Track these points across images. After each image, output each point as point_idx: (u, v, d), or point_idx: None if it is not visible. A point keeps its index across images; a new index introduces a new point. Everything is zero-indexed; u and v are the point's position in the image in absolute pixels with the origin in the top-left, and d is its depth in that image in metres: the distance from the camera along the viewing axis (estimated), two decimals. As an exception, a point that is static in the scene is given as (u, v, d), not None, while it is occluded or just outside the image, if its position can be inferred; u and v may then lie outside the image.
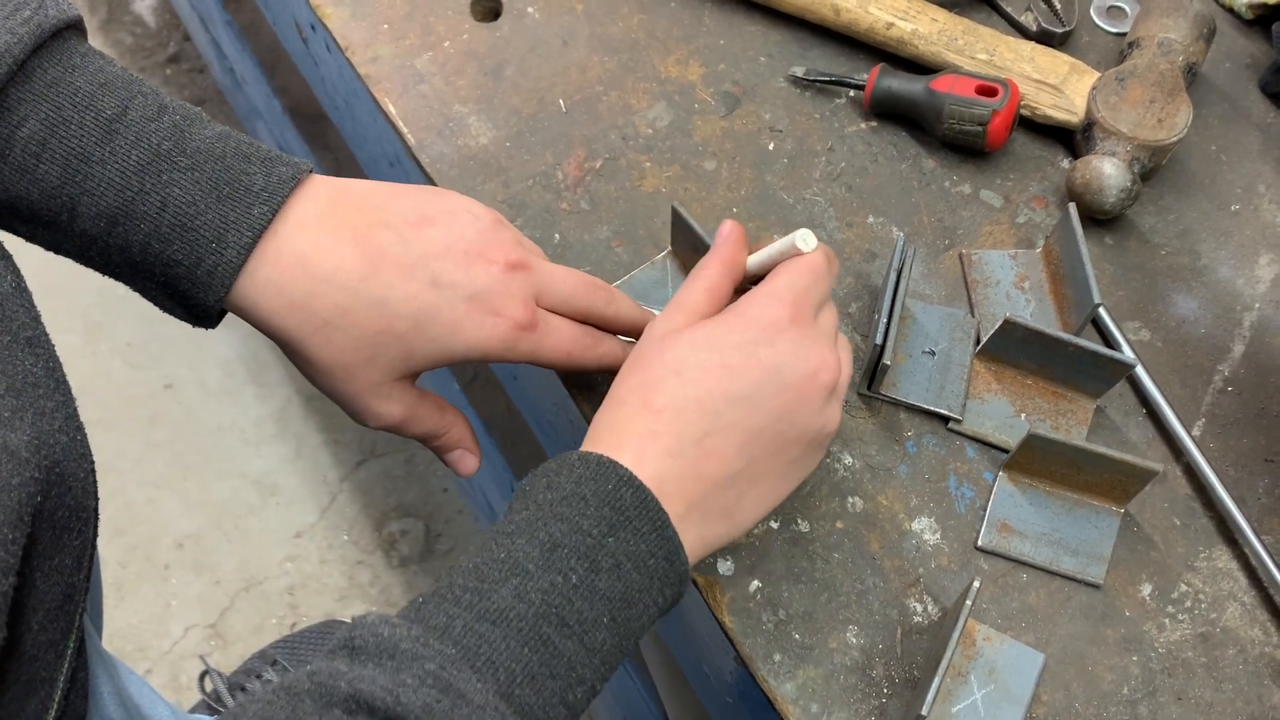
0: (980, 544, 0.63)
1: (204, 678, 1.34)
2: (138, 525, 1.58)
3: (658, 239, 0.72)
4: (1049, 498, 0.64)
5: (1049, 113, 0.76)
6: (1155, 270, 0.73)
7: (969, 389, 0.67)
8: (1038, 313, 0.70)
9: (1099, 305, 0.65)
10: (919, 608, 0.61)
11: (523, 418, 0.99)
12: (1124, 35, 0.82)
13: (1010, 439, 0.66)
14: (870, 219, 0.74)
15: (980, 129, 0.73)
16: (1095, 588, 0.62)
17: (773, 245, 0.58)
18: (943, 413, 0.66)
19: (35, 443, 0.42)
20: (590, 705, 1.36)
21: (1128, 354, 0.68)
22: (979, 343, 0.68)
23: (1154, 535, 0.64)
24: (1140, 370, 0.68)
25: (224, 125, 0.54)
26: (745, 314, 0.53)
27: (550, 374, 0.70)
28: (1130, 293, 0.72)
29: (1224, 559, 0.64)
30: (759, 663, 0.59)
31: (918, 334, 0.68)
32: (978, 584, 0.56)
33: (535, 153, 0.75)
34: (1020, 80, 0.76)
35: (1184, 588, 0.63)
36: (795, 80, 0.79)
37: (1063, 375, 0.67)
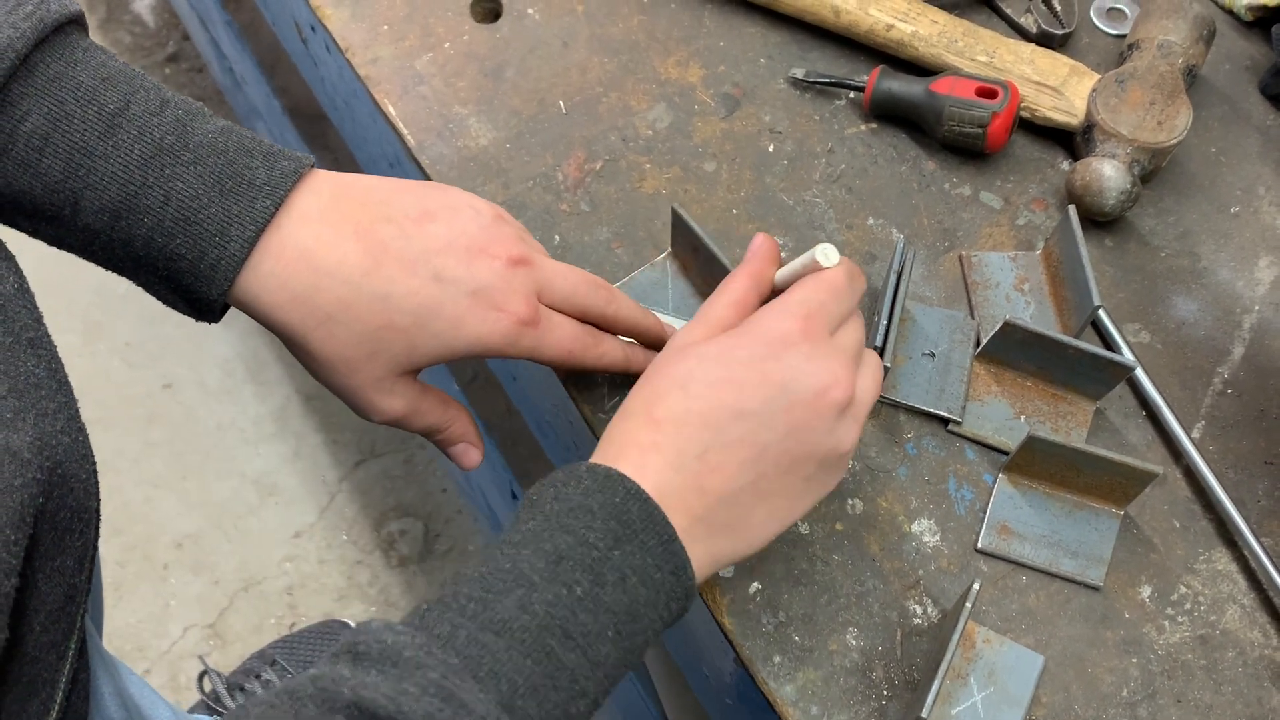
0: (980, 546, 0.63)
1: (203, 678, 1.34)
2: (136, 525, 1.58)
3: (658, 240, 0.72)
4: (1049, 500, 0.64)
5: (1049, 115, 0.76)
6: (1155, 272, 0.73)
7: (969, 391, 0.67)
8: (1037, 315, 0.70)
9: (1099, 307, 0.65)
10: (919, 610, 0.61)
11: (522, 418, 0.99)
12: (1124, 37, 0.82)
13: (1010, 441, 0.66)
14: (870, 221, 0.74)
15: (980, 131, 0.73)
16: (1095, 590, 0.62)
17: (797, 260, 0.57)
18: (942, 415, 0.66)
19: (38, 444, 0.42)
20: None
21: (1127, 356, 0.68)
22: (979, 345, 0.68)
23: (1154, 537, 0.64)
24: (1140, 372, 0.68)
25: (226, 120, 0.54)
26: (755, 328, 0.52)
27: (550, 375, 0.70)
28: (1130, 295, 0.72)
29: (1223, 561, 0.64)
30: (759, 664, 0.59)
31: (917, 336, 0.68)
32: (977, 586, 0.56)
33: (535, 154, 0.75)
34: (1020, 82, 0.76)
35: (1183, 590, 0.63)
36: (795, 82, 0.79)
37: (1062, 377, 0.67)
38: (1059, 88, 0.75)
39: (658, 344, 0.64)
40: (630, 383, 0.66)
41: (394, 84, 0.78)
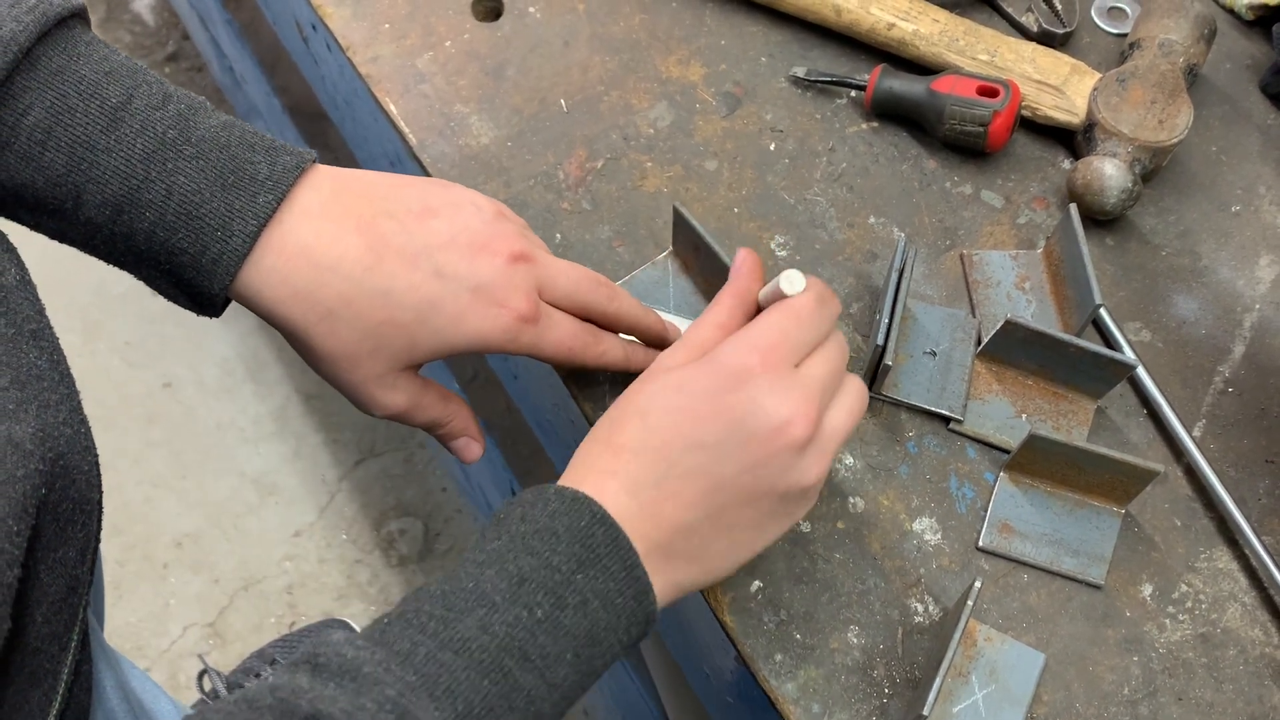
0: (981, 544, 0.63)
1: (202, 677, 1.34)
2: (136, 524, 1.58)
3: (659, 239, 0.72)
4: (1050, 498, 0.64)
5: (1050, 114, 0.76)
6: (1156, 271, 0.73)
7: (970, 390, 0.67)
8: (1039, 313, 0.70)
9: (1100, 306, 0.65)
10: (920, 608, 0.61)
11: (523, 417, 0.99)
12: (1125, 36, 0.82)
13: (1011, 440, 0.66)
14: (871, 219, 0.74)
15: (981, 130, 0.73)
16: (1096, 588, 0.62)
17: (771, 282, 0.56)
18: (944, 413, 0.66)
19: (40, 435, 0.42)
20: (589, 705, 1.36)
21: (1128, 355, 0.68)
22: (980, 343, 0.68)
23: (1155, 536, 0.64)
24: (1141, 371, 0.68)
25: (227, 114, 0.54)
26: (716, 359, 0.51)
27: (550, 373, 0.70)
28: (1131, 293, 0.72)
29: (1224, 559, 0.64)
30: (760, 663, 0.59)
31: (919, 334, 0.68)
32: (979, 584, 0.56)
33: (536, 152, 0.76)
34: (1021, 81, 0.76)
35: (1184, 588, 0.63)
36: (796, 81, 0.79)
37: (1064, 376, 0.67)
38: (1060, 86, 0.75)
39: (659, 343, 0.64)
40: (630, 378, 0.66)
41: (395, 83, 0.78)
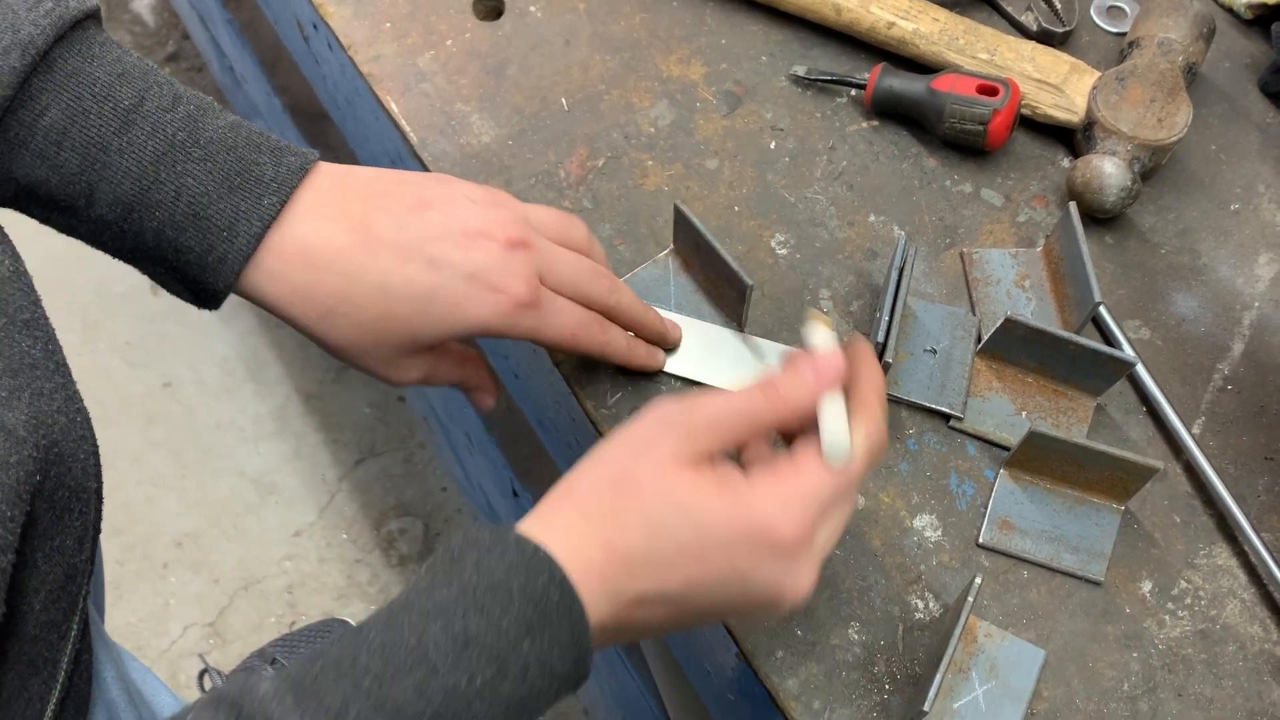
0: (981, 541, 0.63)
1: (203, 676, 1.35)
2: (136, 524, 1.58)
3: (660, 237, 0.72)
4: (1050, 495, 0.64)
5: (1050, 112, 0.76)
6: (1155, 269, 0.73)
7: (970, 387, 0.67)
8: (1038, 311, 0.70)
9: (1099, 304, 0.65)
10: (920, 604, 0.62)
11: (524, 415, 0.99)
12: (1124, 35, 0.82)
13: (1011, 437, 0.66)
14: (871, 218, 0.74)
15: (981, 128, 0.74)
16: (1096, 584, 0.63)
17: (835, 409, 0.51)
18: (944, 410, 0.67)
19: (33, 422, 0.43)
20: (589, 704, 1.36)
21: (1128, 352, 0.68)
22: (980, 341, 0.68)
23: (1154, 532, 0.64)
24: (1140, 368, 0.68)
25: (234, 115, 0.55)
26: (750, 510, 0.48)
27: (552, 371, 0.70)
28: (1130, 291, 0.72)
29: (1224, 556, 0.64)
30: (761, 659, 0.60)
31: (919, 332, 0.69)
32: (979, 580, 0.56)
33: (537, 151, 0.76)
34: (1021, 80, 0.76)
35: (1184, 585, 0.63)
36: (797, 79, 0.80)
37: (1063, 373, 0.67)
38: (1060, 85, 0.76)
39: (658, 339, 0.64)
40: (631, 376, 0.66)
41: (396, 81, 0.78)
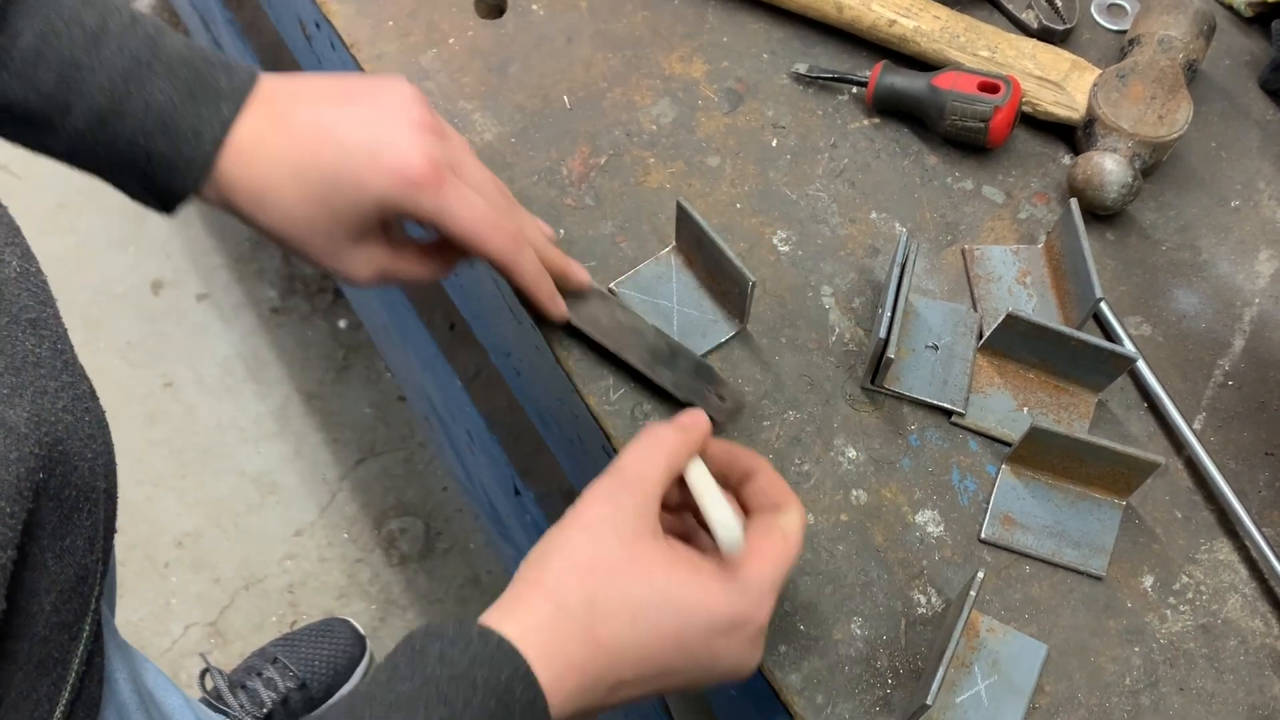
0: (983, 536, 0.64)
1: (204, 675, 1.35)
2: (137, 523, 1.58)
3: (662, 234, 0.73)
4: (1051, 490, 0.65)
5: (1050, 109, 0.76)
6: (1156, 265, 0.74)
7: (971, 383, 0.68)
8: (1040, 307, 0.70)
9: (1101, 300, 0.65)
10: (923, 600, 0.62)
11: (525, 414, 0.99)
12: (1124, 33, 0.83)
13: (1012, 433, 0.66)
14: (873, 215, 0.74)
15: (982, 125, 0.74)
16: (1097, 579, 0.63)
17: (710, 491, 0.53)
18: (945, 406, 0.67)
19: (35, 419, 0.43)
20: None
21: (1129, 348, 0.68)
22: (981, 337, 0.69)
23: (1155, 528, 0.65)
24: (1141, 364, 0.68)
25: (180, 35, 0.58)
26: (728, 599, 0.51)
27: (554, 368, 0.70)
28: (1131, 288, 0.73)
29: (1225, 551, 0.64)
30: (764, 654, 0.60)
31: (920, 329, 0.69)
32: (981, 575, 0.56)
33: (540, 149, 0.76)
34: (1022, 77, 0.76)
35: (1185, 579, 0.63)
36: (798, 77, 0.80)
37: (1065, 369, 0.67)
38: (1060, 83, 0.76)
39: (560, 272, 0.65)
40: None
41: (399, 79, 0.78)
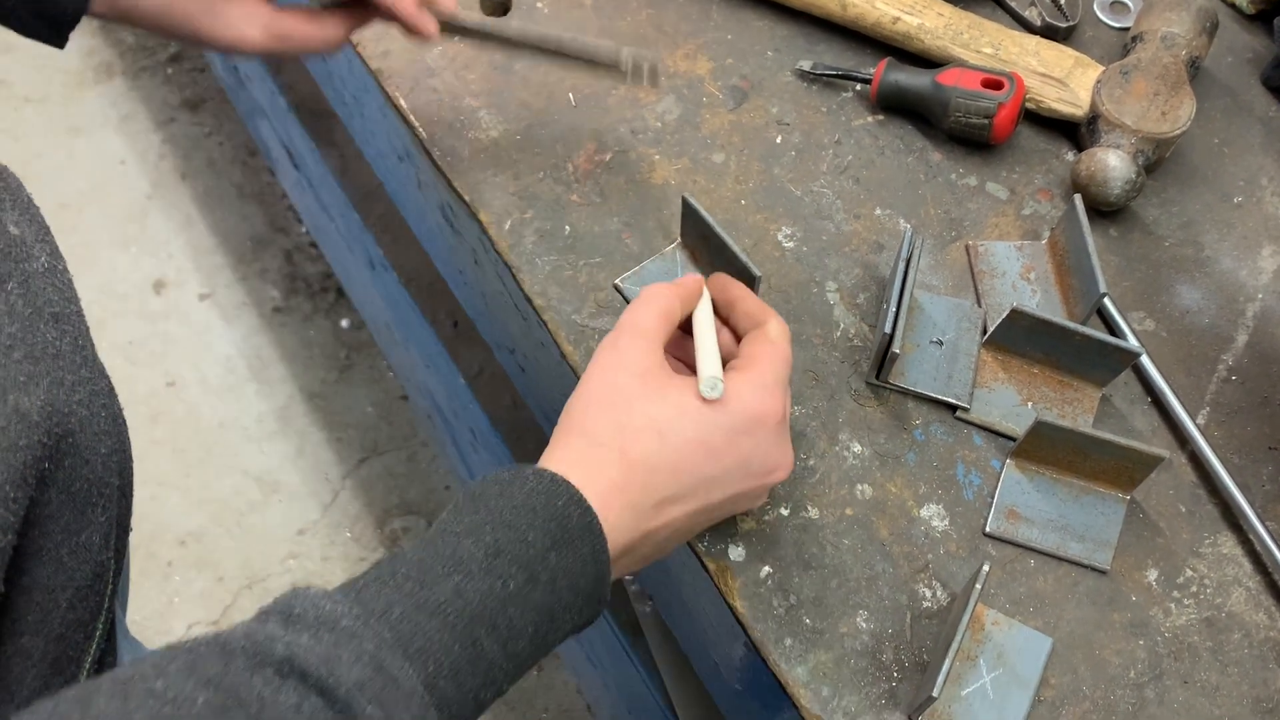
0: (988, 530, 0.64)
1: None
2: (140, 523, 1.58)
3: (667, 230, 0.73)
4: (1056, 485, 0.65)
5: (1054, 106, 0.77)
6: (1159, 261, 0.74)
7: (976, 378, 0.68)
8: (1044, 303, 0.71)
9: (1104, 295, 0.66)
10: (928, 593, 0.62)
11: (530, 411, 0.99)
12: (1127, 30, 0.83)
13: (1017, 427, 0.66)
14: (877, 211, 0.75)
15: (986, 122, 0.74)
16: (1102, 573, 0.63)
17: (707, 339, 0.58)
18: (950, 401, 0.67)
19: (48, 408, 0.43)
20: (594, 700, 1.36)
21: (1133, 343, 0.69)
22: (986, 332, 0.69)
23: (1159, 521, 0.65)
24: (1145, 359, 0.69)
25: None
26: (739, 399, 0.54)
27: (559, 363, 0.70)
28: (1135, 283, 0.73)
29: (1229, 545, 0.64)
30: (770, 647, 0.60)
31: (925, 324, 0.69)
32: (987, 568, 0.56)
33: (546, 146, 0.76)
34: (1025, 74, 0.76)
35: (1189, 573, 0.63)
36: (802, 74, 0.80)
37: (1069, 364, 0.67)
38: (1064, 79, 0.76)
39: None
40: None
41: (405, 77, 0.78)
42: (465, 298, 0.92)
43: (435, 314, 1.15)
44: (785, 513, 0.63)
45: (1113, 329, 0.70)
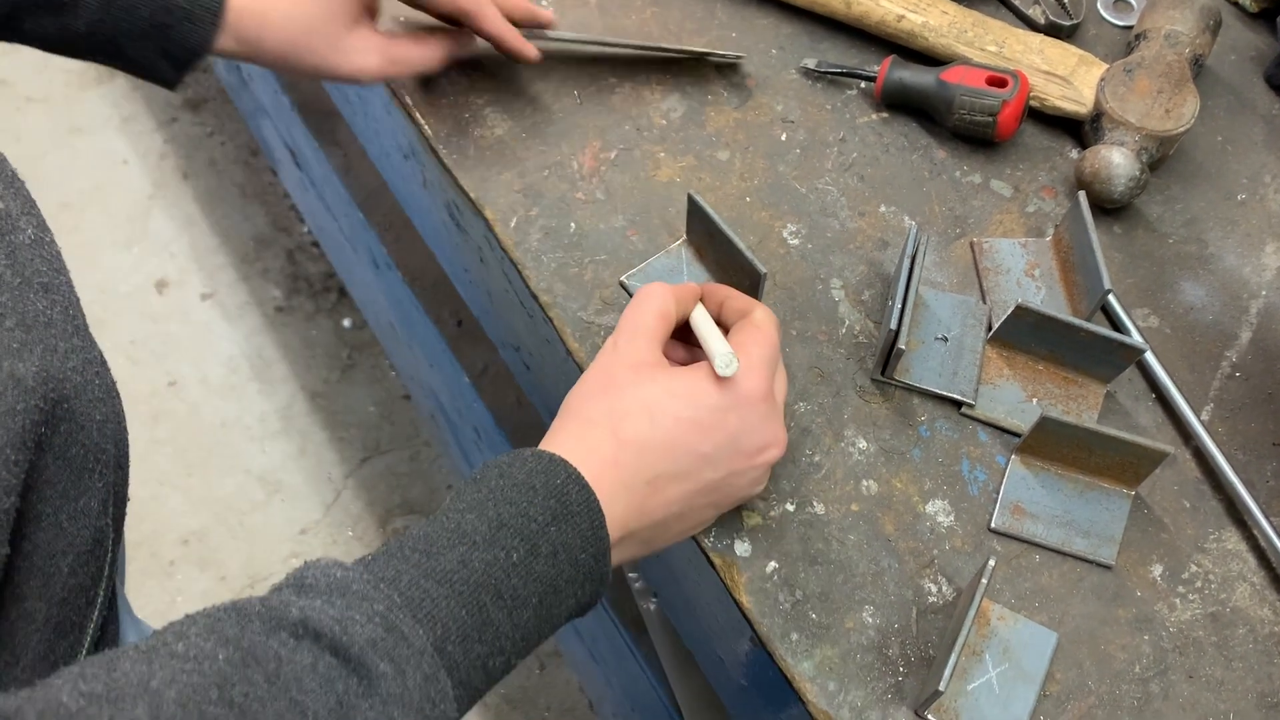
0: (993, 526, 0.64)
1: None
2: (143, 522, 1.58)
3: (672, 227, 0.73)
4: (1061, 480, 0.65)
5: (1058, 104, 0.77)
6: (1163, 258, 0.74)
7: (981, 374, 0.68)
8: (1048, 299, 0.71)
9: (1109, 292, 0.66)
10: (933, 588, 0.62)
11: (535, 410, 0.99)
12: (1130, 28, 0.83)
13: (1022, 423, 0.67)
14: (882, 208, 0.75)
15: (990, 119, 0.74)
16: (1107, 568, 0.63)
17: (709, 327, 0.59)
18: (955, 397, 0.67)
19: (43, 374, 0.44)
20: (597, 698, 1.36)
21: (1137, 339, 0.69)
22: (990, 329, 0.69)
23: (1164, 517, 0.65)
24: (1150, 355, 0.69)
25: None
26: (733, 382, 0.56)
27: (565, 361, 0.71)
28: (1139, 280, 0.73)
29: (1233, 540, 0.65)
30: (776, 642, 0.60)
31: (930, 320, 0.69)
32: (993, 563, 0.57)
33: (551, 143, 0.76)
34: (1029, 72, 0.77)
35: (1194, 568, 0.64)
36: (807, 72, 0.80)
37: (1073, 360, 0.68)
38: (1068, 77, 0.76)
39: (528, 19, 0.74)
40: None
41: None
42: (470, 296, 0.93)
43: (439, 312, 1.15)
44: (791, 508, 0.64)
45: (1117, 325, 0.70)
